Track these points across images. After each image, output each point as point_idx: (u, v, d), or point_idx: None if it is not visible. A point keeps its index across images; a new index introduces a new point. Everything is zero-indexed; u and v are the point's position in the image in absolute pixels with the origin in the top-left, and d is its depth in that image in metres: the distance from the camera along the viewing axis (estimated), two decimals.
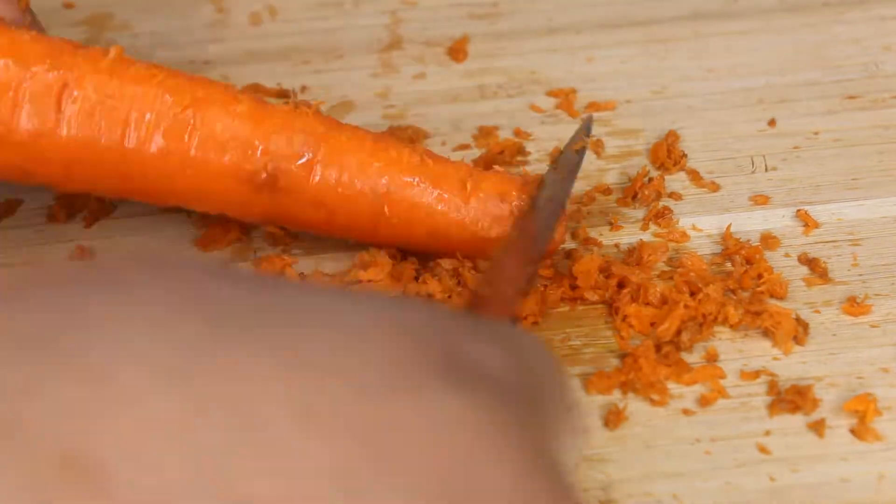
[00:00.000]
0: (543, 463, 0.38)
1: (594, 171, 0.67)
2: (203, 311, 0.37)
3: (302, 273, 0.62)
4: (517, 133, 0.68)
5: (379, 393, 0.36)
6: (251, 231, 0.64)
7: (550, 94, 0.70)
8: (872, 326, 0.60)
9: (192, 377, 0.35)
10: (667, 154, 0.67)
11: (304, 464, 0.34)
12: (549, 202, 0.60)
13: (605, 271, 0.61)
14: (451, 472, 0.36)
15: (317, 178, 0.59)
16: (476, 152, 0.68)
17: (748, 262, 0.62)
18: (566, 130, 0.68)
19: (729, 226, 0.63)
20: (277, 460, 0.34)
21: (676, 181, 0.66)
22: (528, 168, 0.66)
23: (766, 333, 0.60)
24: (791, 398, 0.57)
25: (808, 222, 0.64)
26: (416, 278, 0.61)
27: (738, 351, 0.59)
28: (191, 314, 0.37)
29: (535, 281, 0.60)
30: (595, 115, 0.69)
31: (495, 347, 0.40)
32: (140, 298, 0.37)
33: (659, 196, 0.65)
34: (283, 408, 0.35)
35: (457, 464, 0.36)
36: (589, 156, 0.67)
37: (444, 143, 0.68)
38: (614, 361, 0.59)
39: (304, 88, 0.70)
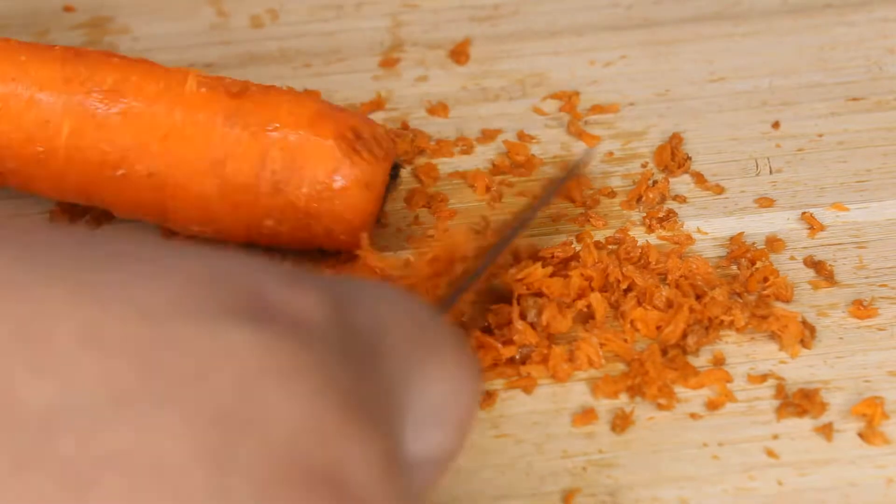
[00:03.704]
0: (355, 411, 0.38)
1: (598, 175, 0.66)
2: (17, 251, 0.39)
3: None
4: (520, 136, 0.68)
5: (164, 319, 0.37)
6: None
7: (553, 96, 0.70)
8: (879, 329, 0.60)
9: None
10: (671, 157, 0.67)
11: (79, 374, 0.36)
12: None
13: (610, 273, 0.61)
14: (228, 400, 0.37)
15: None
16: (480, 155, 0.67)
17: (753, 264, 0.62)
18: (570, 133, 0.68)
19: (741, 234, 0.63)
20: (54, 368, 0.36)
21: (681, 184, 0.66)
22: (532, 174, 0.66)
23: (773, 337, 0.60)
24: (798, 402, 0.57)
25: (813, 225, 0.64)
26: None
27: (744, 354, 0.59)
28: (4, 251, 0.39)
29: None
30: (598, 117, 0.69)
31: (309, 296, 0.40)
32: None
33: (663, 199, 0.65)
34: (67, 325, 0.37)
35: (235, 392, 0.37)
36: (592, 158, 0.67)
37: (449, 146, 0.68)
38: (621, 366, 0.59)
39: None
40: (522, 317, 0.59)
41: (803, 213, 0.64)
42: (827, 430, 0.56)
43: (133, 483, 0.35)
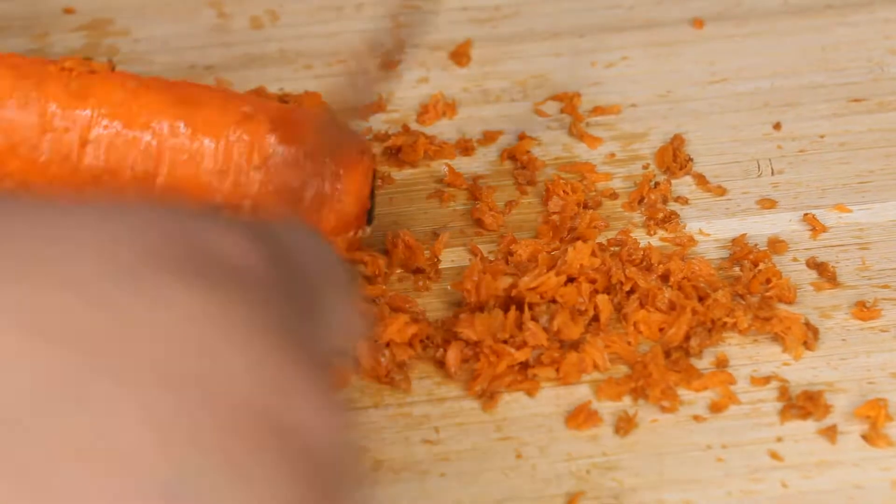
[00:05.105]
0: (298, 351, 0.38)
1: (600, 176, 0.66)
2: None
3: None
4: (521, 138, 0.68)
5: (107, 296, 0.36)
6: None
7: (555, 98, 0.70)
8: (882, 331, 0.60)
9: None
10: (672, 158, 0.67)
11: (25, 370, 0.35)
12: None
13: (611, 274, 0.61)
14: (184, 365, 0.36)
15: None
16: (480, 156, 0.67)
17: (756, 266, 0.62)
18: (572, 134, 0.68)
19: (744, 235, 0.63)
20: None
21: (683, 185, 0.66)
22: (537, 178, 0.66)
23: (776, 339, 0.59)
24: (802, 404, 0.57)
25: (815, 226, 0.64)
26: None
27: (747, 357, 0.59)
28: None
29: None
30: (600, 119, 0.69)
31: (244, 240, 0.40)
32: None
33: (665, 200, 0.65)
34: (4, 318, 0.36)
35: (189, 356, 0.36)
36: (594, 159, 0.67)
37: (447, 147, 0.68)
38: (624, 368, 0.59)
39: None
40: (533, 320, 0.59)
41: (805, 214, 0.64)
42: (831, 433, 0.56)
43: (90, 469, 0.34)
